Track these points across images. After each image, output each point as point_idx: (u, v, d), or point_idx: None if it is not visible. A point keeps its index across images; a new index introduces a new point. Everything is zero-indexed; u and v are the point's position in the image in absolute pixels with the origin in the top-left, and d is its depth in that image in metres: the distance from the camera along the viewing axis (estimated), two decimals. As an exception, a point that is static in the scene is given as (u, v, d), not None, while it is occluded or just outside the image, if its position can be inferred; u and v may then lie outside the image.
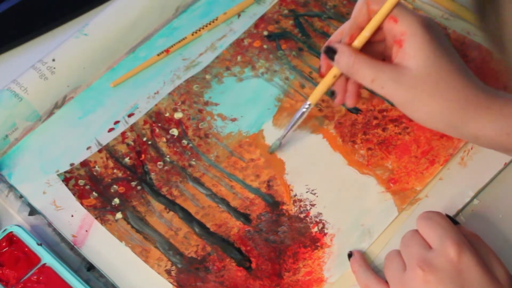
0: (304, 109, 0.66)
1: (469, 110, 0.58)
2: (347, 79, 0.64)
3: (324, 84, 0.64)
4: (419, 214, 0.59)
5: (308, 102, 0.66)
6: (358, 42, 0.61)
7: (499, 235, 0.63)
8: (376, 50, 0.63)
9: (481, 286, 0.54)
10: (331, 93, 0.65)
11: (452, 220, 0.59)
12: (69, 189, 0.68)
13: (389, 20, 0.60)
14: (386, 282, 0.58)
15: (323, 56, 0.63)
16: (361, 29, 0.61)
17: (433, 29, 0.59)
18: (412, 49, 0.58)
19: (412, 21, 0.59)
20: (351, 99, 0.65)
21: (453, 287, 0.54)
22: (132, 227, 0.66)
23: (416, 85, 0.58)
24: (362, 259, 0.62)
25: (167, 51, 0.76)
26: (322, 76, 0.65)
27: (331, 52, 0.62)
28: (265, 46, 0.76)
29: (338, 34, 0.64)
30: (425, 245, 0.56)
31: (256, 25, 0.77)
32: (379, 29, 0.61)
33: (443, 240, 0.55)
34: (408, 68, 0.58)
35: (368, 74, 0.59)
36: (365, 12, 0.61)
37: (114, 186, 0.69)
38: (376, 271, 0.61)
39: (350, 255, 0.63)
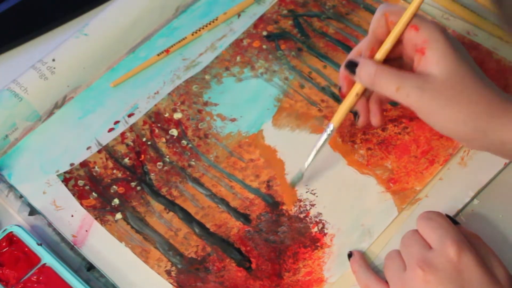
0: (326, 134, 0.63)
1: (496, 113, 0.57)
2: (368, 99, 0.63)
3: (346, 104, 0.62)
4: (419, 214, 0.59)
5: (331, 125, 0.63)
6: (380, 54, 0.60)
7: (499, 235, 0.63)
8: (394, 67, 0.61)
9: (481, 286, 0.54)
10: (354, 114, 0.63)
11: (452, 220, 0.59)
12: (69, 189, 0.68)
13: (409, 29, 0.59)
14: (386, 282, 0.58)
15: (343, 74, 0.62)
16: (380, 42, 0.60)
17: (450, 37, 0.59)
18: (435, 56, 0.57)
19: (433, 29, 0.58)
20: (376, 117, 0.63)
21: (453, 287, 0.54)
22: (132, 227, 0.66)
23: (442, 91, 0.57)
24: (362, 259, 0.62)
25: (167, 51, 0.76)
26: (343, 96, 0.63)
27: (352, 66, 0.61)
28: (264, 46, 0.76)
29: (356, 52, 0.62)
30: (425, 245, 0.56)
31: (255, 25, 0.77)
32: (398, 42, 0.60)
33: (443, 240, 0.55)
34: (432, 75, 0.57)
35: (393, 83, 0.58)
36: (383, 25, 0.60)
37: (114, 186, 0.69)
38: (376, 271, 0.61)
39: (350, 255, 0.63)
